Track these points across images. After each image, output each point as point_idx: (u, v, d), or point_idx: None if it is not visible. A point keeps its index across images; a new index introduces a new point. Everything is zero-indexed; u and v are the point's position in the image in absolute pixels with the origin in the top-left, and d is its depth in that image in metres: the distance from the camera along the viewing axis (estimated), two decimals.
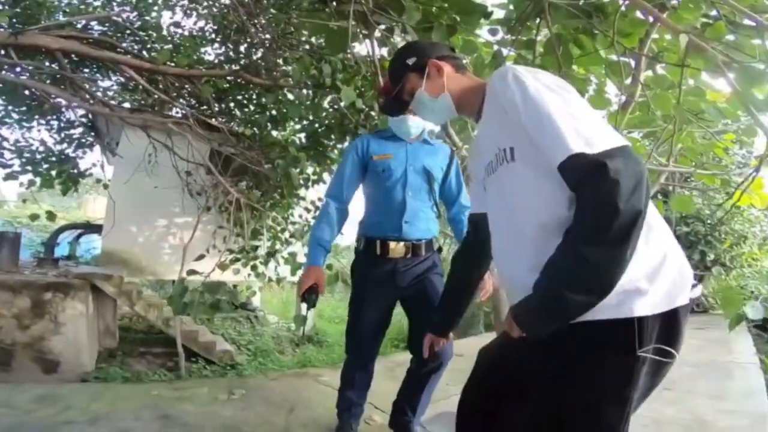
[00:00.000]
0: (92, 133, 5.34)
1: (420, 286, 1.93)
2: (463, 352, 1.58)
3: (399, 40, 2.55)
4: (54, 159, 5.01)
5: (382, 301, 1.96)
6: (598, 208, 0.84)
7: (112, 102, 4.71)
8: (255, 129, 4.51)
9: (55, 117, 4.91)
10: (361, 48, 2.93)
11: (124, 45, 4.21)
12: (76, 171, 5.11)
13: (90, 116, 5.01)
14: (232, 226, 4.70)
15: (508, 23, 2.29)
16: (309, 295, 1.81)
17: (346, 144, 3.91)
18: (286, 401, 2.71)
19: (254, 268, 4.32)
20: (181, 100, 4.22)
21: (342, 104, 3.55)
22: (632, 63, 2.18)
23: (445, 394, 2.48)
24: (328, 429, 2.30)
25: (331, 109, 4.07)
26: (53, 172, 4.98)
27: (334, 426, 2.17)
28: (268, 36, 4.16)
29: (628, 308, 0.88)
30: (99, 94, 4.40)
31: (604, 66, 2.22)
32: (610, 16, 1.70)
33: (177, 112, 5.17)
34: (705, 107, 1.99)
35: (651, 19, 1.68)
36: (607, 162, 0.82)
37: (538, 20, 2.15)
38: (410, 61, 1.30)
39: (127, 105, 4.85)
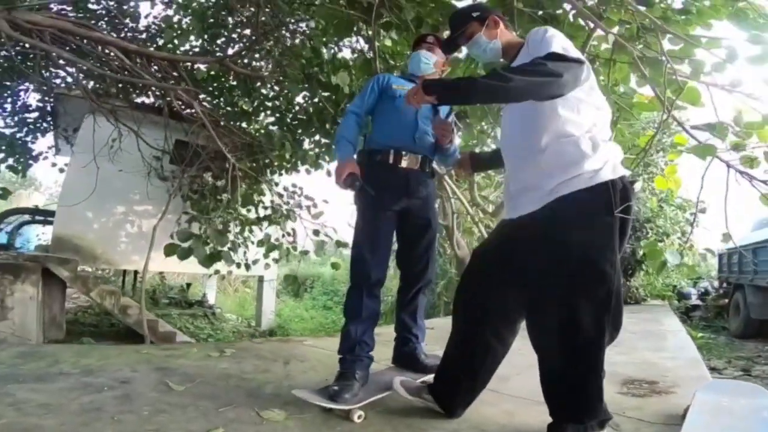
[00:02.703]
0: (49, 119, 5.33)
1: (423, 205, 2.12)
2: (434, 327, 1.89)
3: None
4: (3, 144, 4.99)
5: (391, 212, 2.10)
6: (540, 64, 1.44)
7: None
8: (227, 120, 4.87)
9: (9, 101, 4.91)
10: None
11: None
12: (28, 156, 5.10)
13: (51, 101, 5.05)
14: (198, 212, 4.95)
15: None
16: (352, 180, 2.00)
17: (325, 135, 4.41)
18: (279, 356, 2.93)
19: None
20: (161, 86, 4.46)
21: (315, 99, 4.08)
22: None
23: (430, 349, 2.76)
24: (327, 376, 2.38)
25: (305, 103, 4.58)
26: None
27: (333, 373, 2.10)
28: (247, 31, 4.57)
29: (600, 177, 1.47)
30: (66, 80, 4.53)
31: None
32: (561, 23, 2.38)
33: (143, 101, 5.38)
34: (624, 89, 2.73)
35: (591, 25, 2.36)
36: (563, 54, 1.46)
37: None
38: (475, 14, 1.78)
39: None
